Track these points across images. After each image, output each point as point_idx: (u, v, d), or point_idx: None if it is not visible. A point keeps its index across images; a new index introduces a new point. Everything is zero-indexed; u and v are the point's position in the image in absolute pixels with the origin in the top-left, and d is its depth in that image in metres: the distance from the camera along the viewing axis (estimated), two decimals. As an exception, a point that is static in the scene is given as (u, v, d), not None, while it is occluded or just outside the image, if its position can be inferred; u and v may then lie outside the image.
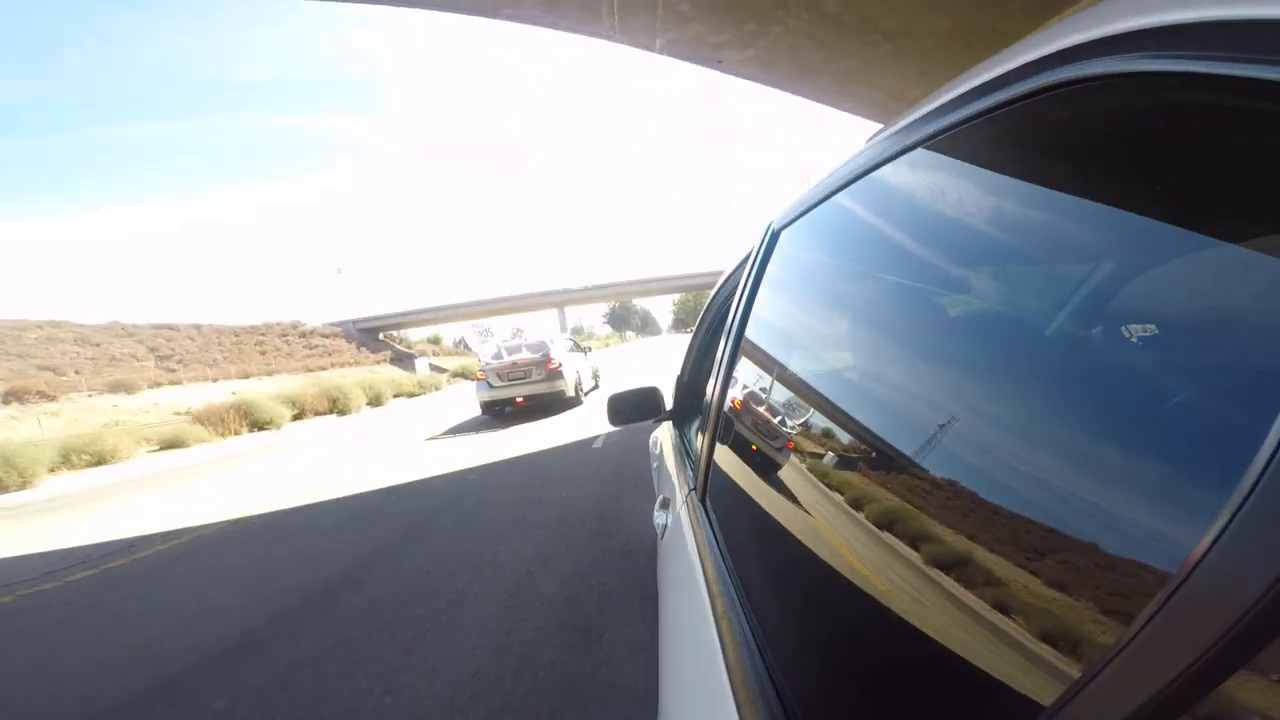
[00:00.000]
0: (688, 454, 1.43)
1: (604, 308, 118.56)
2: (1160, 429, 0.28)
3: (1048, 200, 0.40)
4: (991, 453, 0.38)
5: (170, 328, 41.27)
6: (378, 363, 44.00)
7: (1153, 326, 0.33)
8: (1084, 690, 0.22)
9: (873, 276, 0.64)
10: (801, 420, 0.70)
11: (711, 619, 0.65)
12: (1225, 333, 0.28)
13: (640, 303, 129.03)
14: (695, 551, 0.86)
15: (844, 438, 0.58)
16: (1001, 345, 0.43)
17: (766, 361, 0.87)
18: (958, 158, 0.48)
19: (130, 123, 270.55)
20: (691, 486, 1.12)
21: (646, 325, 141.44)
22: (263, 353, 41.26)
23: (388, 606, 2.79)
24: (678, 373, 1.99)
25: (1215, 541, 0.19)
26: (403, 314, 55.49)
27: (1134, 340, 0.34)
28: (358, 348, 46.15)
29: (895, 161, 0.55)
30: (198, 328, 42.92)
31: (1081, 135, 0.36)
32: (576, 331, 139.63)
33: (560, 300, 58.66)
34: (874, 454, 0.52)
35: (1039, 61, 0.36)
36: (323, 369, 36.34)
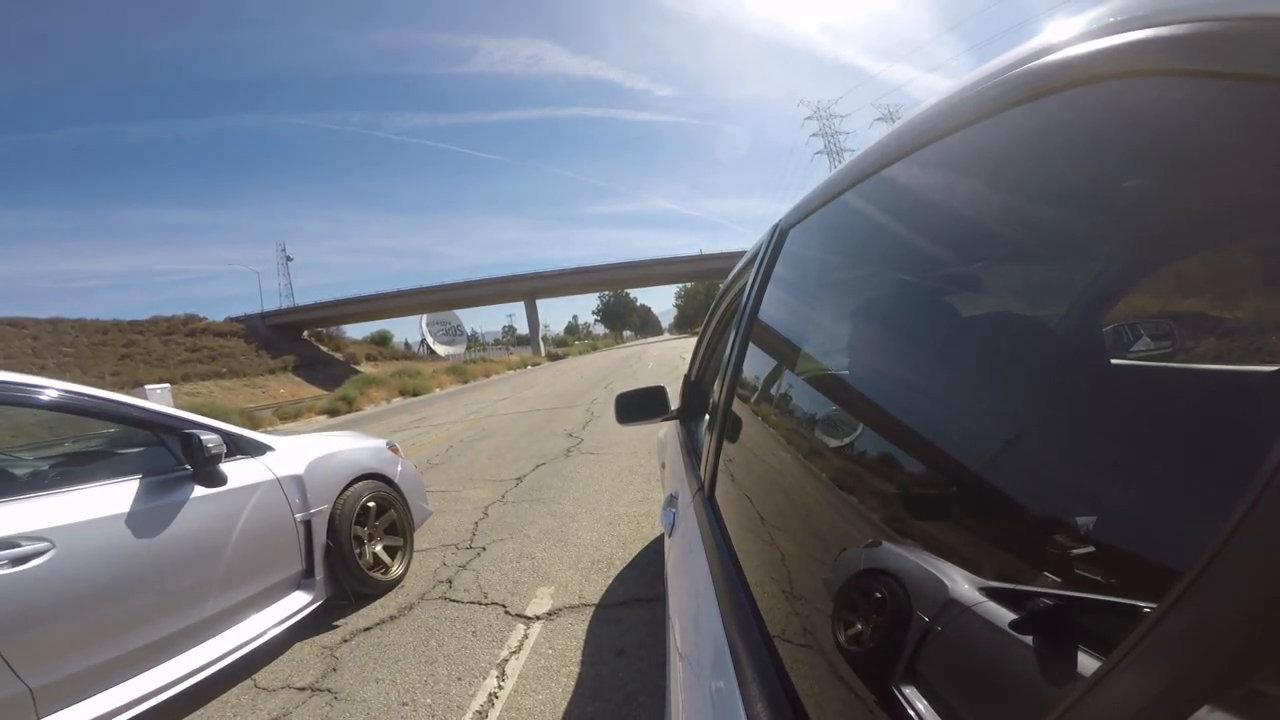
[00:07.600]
0: (695, 452, 1.43)
1: (595, 302, 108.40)
2: (1171, 424, 0.29)
3: (1056, 198, 0.40)
4: (1001, 450, 0.38)
5: (13, 323, 31.49)
6: (273, 370, 34.64)
7: (1164, 324, 0.36)
8: (1095, 688, 0.22)
9: (881, 274, 0.66)
10: (808, 418, 0.72)
11: (719, 616, 0.65)
12: (1237, 329, 0.28)
13: (641, 298, 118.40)
14: (703, 549, 0.86)
15: (851, 436, 0.58)
16: (1010, 343, 0.44)
17: (774, 360, 0.90)
18: (965, 156, 0.48)
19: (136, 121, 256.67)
20: (699, 484, 1.11)
21: (646, 324, 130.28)
22: (123, 357, 31.50)
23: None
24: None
25: (1228, 540, 0.18)
26: (329, 305, 45.48)
27: (1145, 338, 0.36)
28: (257, 350, 36.87)
29: (903, 160, 0.55)
30: (54, 324, 33.30)
31: (1090, 134, 0.35)
32: (570, 330, 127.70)
33: (529, 288, 48.26)
34: (882, 452, 0.52)
35: (1048, 60, 0.36)
36: (185, 379, 26.88)
